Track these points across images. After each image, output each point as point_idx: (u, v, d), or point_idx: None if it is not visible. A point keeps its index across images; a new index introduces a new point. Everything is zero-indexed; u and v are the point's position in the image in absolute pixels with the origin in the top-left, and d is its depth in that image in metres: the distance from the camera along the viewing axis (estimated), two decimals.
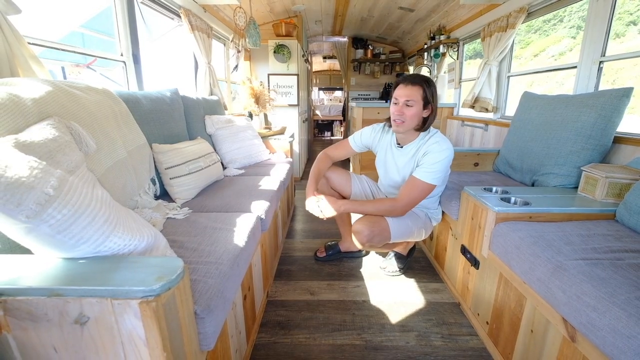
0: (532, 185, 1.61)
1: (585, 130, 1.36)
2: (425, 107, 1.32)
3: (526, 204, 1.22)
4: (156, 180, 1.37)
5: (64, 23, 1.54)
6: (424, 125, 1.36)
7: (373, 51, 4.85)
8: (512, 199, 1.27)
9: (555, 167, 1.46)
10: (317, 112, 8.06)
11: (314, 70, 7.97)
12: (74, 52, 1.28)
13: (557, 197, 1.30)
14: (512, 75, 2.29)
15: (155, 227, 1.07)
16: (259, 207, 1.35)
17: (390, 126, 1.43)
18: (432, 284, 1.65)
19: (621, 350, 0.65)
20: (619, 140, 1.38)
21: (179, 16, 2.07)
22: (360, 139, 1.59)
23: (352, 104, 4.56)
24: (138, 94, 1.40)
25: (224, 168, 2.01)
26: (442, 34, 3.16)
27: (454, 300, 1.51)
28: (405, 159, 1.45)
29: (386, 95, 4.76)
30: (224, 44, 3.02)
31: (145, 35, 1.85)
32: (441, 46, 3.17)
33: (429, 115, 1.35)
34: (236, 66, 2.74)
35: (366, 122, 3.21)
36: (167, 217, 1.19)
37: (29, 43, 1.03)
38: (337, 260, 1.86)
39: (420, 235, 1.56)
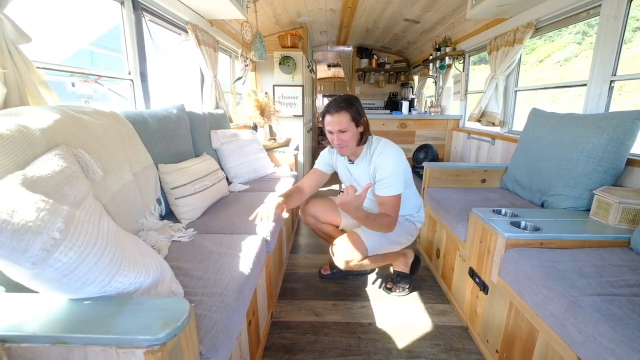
0: (542, 205, 1.58)
1: (597, 152, 1.34)
2: (357, 125, 1.37)
3: (537, 229, 1.19)
4: (162, 200, 1.36)
5: (74, 42, 1.56)
6: (361, 139, 1.41)
7: (378, 60, 4.86)
8: (522, 223, 1.25)
9: (566, 188, 1.43)
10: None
11: (318, 77, 8.00)
12: (83, 73, 1.29)
13: (568, 221, 1.27)
14: (519, 90, 2.27)
15: (160, 253, 1.06)
16: (264, 228, 1.34)
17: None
18: (439, 305, 1.62)
19: None
20: (632, 162, 1.35)
21: (186, 31, 2.09)
22: (324, 160, 1.63)
23: None
24: (145, 113, 1.40)
25: (229, 183, 2.01)
26: (448, 46, 3.15)
27: (462, 324, 1.47)
28: (361, 171, 1.49)
29: (391, 104, 4.75)
30: (230, 56, 3.03)
31: (152, 50, 1.87)
32: (447, 58, 3.17)
33: (364, 130, 1.40)
34: (240, 78, 2.75)
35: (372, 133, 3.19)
36: (173, 240, 1.18)
37: (38, 67, 1.04)
38: (342, 278, 1.84)
39: (407, 240, 1.60)
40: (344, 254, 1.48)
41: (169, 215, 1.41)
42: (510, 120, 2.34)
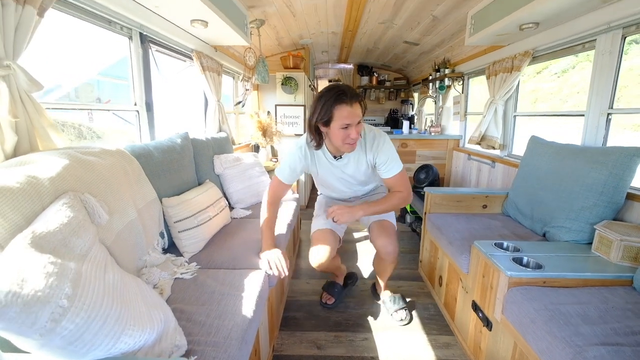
0: (544, 235, 1.59)
1: (597, 187, 1.35)
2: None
3: (539, 266, 1.19)
4: (165, 233, 1.37)
5: (82, 74, 1.60)
6: None
7: (378, 78, 4.93)
8: (525, 259, 1.25)
9: (567, 221, 1.44)
10: None
11: (319, 90, 8.09)
12: (91, 109, 1.31)
13: (570, 257, 1.27)
14: (518, 115, 2.30)
15: (163, 294, 1.06)
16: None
17: (313, 145, 1.35)
18: (442, 336, 1.60)
19: None
20: (632, 197, 1.36)
21: (191, 58, 2.13)
22: (292, 170, 1.43)
23: None
24: (150, 146, 1.42)
25: (231, 208, 2.01)
26: (447, 67, 3.20)
27: (466, 359, 1.46)
28: (354, 164, 1.43)
29: (391, 121, 4.80)
30: (233, 77, 3.08)
31: (156, 75, 1.90)
32: (446, 79, 3.22)
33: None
34: (240, 102, 2.79)
35: None
36: (175, 278, 1.18)
37: (48, 109, 1.06)
38: (343, 307, 1.82)
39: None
40: (395, 250, 1.52)
41: (171, 247, 1.42)
42: (510, 144, 2.36)
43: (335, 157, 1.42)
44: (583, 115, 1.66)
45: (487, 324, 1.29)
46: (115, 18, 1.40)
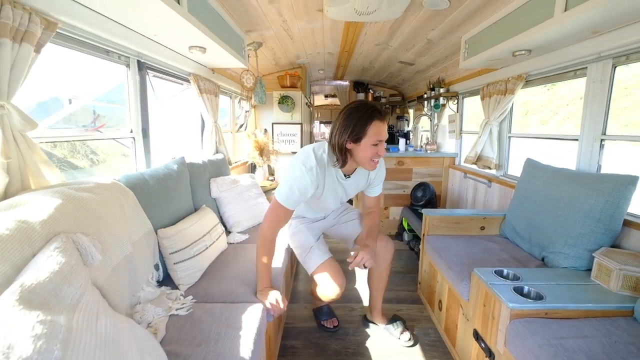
0: (542, 260, 1.58)
1: (593, 214, 1.36)
2: None
3: (540, 297, 1.18)
4: (159, 265, 1.34)
5: (80, 101, 1.59)
6: None
7: (374, 95, 5.00)
8: (526, 289, 1.24)
9: (566, 247, 1.44)
10: None
11: (315, 104, 8.17)
12: (86, 140, 1.30)
13: (571, 285, 1.27)
14: (513, 136, 2.33)
15: (158, 334, 1.03)
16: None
17: (337, 164, 1.29)
18: None
19: None
20: (629, 224, 1.36)
21: (189, 81, 2.14)
22: (302, 194, 1.28)
23: None
24: (146, 174, 1.40)
25: (228, 232, 1.98)
26: (442, 87, 3.26)
27: None
28: (354, 184, 1.47)
29: (388, 137, 4.83)
30: (230, 97, 3.10)
31: (152, 98, 1.90)
32: (441, 97, 3.26)
33: None
34: (242, 125, 2.79)
35: None
36: (170, 315, 1.14)
37: (42, 143, 1.04)
38: (343, 333, 1.78)
39: None
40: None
41: (166, 279, 1.38)
42: (506, 165, 2.38)
43: (346, 176, 1.40)
44: (577, 139, 1.68)
45: (490, 354, 1.27)
46: (113, 48, 1.40)
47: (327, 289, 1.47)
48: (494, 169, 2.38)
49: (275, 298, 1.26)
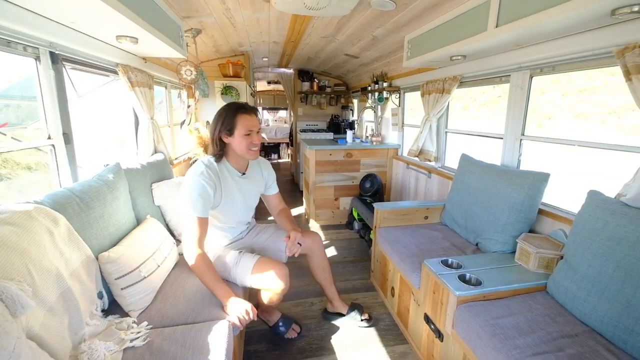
0: (477, 245, 1.82)
1: (516, 206, 1.60)
2: None
3: (479, 282, 1.37)
4: (103, 293, 1.19)
5: None
6: None
7: (319, 84, 4.99)
8: (467, 275, 1.42)
9: (495, 234, 1.67)
10: (263, 135, 7.93)
11: (257, 90, 7.86)
12: None
13: (501, 268, 1.48)
14: (449, 132, 2.57)
15: None
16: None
17: (217, 160, 1.44)
18: (398, 346, 1.73)
19: None
20: (541, 212, 1.64)
21: (116, 73, 1.86)
22: (205, 199, 1.33)
23: (302, 136, 4.60)
24: (76, 190, 1.20)
25: (178, 242, 1.84)
26: (385, 81, 3.40)
27: None
28: (252, 182, 1.59)
29: (333, 126, 4.92)
30: (165, 87, 2.79)
31: (75, 99, 1.62)
32: (385, 91, 3.41)
33: None
34: (184, 122, 2.55)
35: (320, 164, 3.26)
36: (125, 348, 1.03)
37: None
38: (305, 330, 1.83)
39: None
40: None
41: (113, 305, 1.23)
42: (443, 157, 2.63)
43: (242, 174, 1.53)
44: (502, 138, 1.93)
45: (439, 335, 1.44)
46: (15, 38, 1.13)
47: (272, 282, 1.42)
48: (433, 161, 2.61)
49: (244, 309, 1.22)
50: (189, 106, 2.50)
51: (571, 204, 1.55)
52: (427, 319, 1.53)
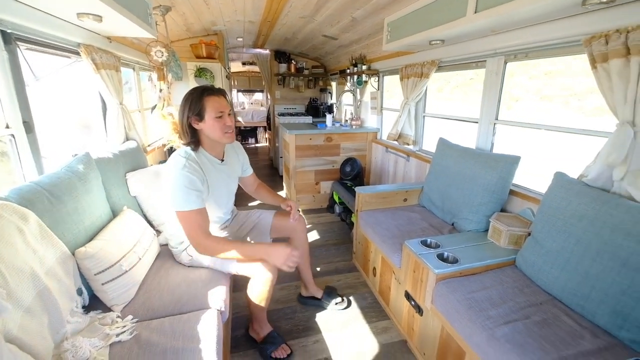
0: (452, 225, 1.92)
1: (490, 187, 1.69)
2: None
3: (456, 260, 1.45)
4: (83, 289, 1.15)
5: None
6: None
7: (296, 65, 4.86)
8: (445, 254, 1.50)
9: (470, 214, 1.77)
10: (239, 118, 7.70)
11: (232, 71, 7.55)
12: None
13: (475, 246, 1.58)
14: (427, 116, 2.63)
15: None
16: (216, 295, 1.27)
17: (194, 149, 1.35)
18: (380, 322, 1.83)
19: None
20: (512, 192, 1.74)
21: (78, 54, 1.71)
22: (197, 190, 1.28)
23: (280, 120, 4.52)
24: (43, 184, 1.13)
25: (159, 233, 1.79)
26: (364, 64, 3.37)
27: (402, 338, 1.71)
28: (231, 168, 1.57)
29: (312, 110, 4.86)
30: (133, 69, 2.61)
31: (33, 82, 1.48)
32: (364, 75, 3.40)
33: None
34: (155, 107, 2.41)
35: (300, 149, 3.24)
36: (111, 343, 1.02)
37: None
38: (291, 312, 1.88)
39: None
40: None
41: (93, 301, 1.20)
42: (421, 141, 2.70)
43: (221, 160, 1.48)
44: (477, 122, 2.01)
45: (419, 310, 1.53)
46: None
47: (258, 271, 1.37)
48: (411, 144, 2.67)
49: (286, 254, 1.31)
50: (160, 90, 2.36)
51: (539, 185, 1.66)
52: (408, 296, 1.62)
